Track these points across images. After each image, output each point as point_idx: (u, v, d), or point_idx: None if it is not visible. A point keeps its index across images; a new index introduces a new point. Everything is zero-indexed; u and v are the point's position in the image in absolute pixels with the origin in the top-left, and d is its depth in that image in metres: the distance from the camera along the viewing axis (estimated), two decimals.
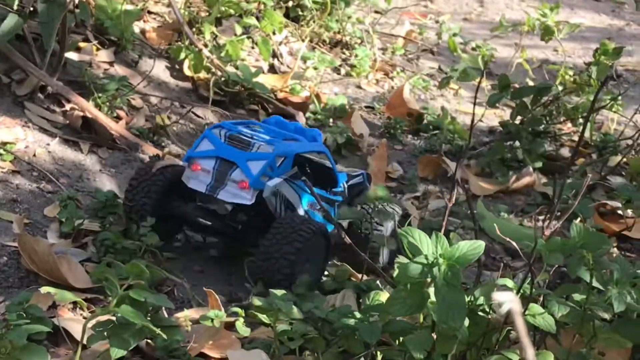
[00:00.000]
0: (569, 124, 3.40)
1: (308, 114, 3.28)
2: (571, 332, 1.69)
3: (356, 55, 3.79)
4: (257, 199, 2.22)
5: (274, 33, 3.59)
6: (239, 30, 3.42)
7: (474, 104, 2.21)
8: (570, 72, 3.55)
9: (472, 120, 2.80)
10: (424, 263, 1.54)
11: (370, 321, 1.69)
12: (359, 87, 3.68)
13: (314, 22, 3.82)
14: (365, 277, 2.16)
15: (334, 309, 1.91)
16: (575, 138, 3.37)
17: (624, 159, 3.01)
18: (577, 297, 1.62)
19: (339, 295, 2.08)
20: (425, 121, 3.31)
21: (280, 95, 3.32)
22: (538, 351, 1.68)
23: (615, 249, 2.54)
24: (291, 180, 2.29)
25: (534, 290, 1.58)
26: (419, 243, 1.56)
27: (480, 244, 1.56)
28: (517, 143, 3.10)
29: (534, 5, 6.11)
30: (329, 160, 2.41)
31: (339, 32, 3.90)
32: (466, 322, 1.59)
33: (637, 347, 1.80)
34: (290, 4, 3.86)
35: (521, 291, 1.61)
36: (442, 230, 1.78)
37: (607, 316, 1.58)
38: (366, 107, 3.50)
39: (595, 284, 1.60)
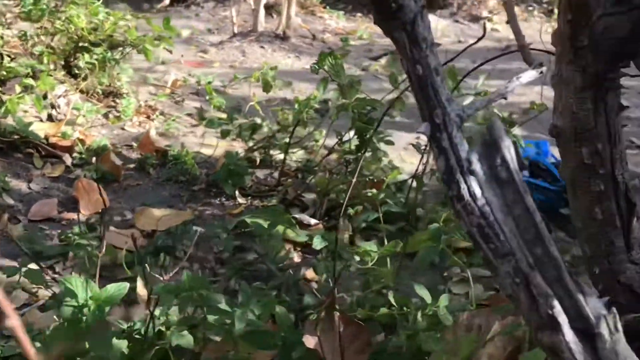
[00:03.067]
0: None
1: (75, 154, 3.08)
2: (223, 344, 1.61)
3: (122, 104, 3.60)
4: None
5: (52, 89, 3.36)
6: (19, 89, 3.17)
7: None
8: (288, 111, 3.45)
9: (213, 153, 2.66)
10: (75, 305, 1.41)
11: None
12: (123, 129, 3.49)
13: (89, 77, 3.61)
14: None
15: None
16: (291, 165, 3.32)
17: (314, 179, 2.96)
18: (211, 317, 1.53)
19: None
20: (169, 156, 3.16)
21: (53, 140, 3.10)
22: None
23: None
24: None
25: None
26: (74, 288, 1.43)
27: (125, 285, 1.45)
28: None
29: (282, 54, 6.12)
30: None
31: (110, 85, 3.70)
32: (124, 343, 1.47)
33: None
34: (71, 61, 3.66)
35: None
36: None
37: (218, 338, 1.50)
38: (127, 145, 3.32)
39: (225, 306, 1.52)
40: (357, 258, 1.86)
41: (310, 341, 1.47)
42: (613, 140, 1.52)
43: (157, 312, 1.51)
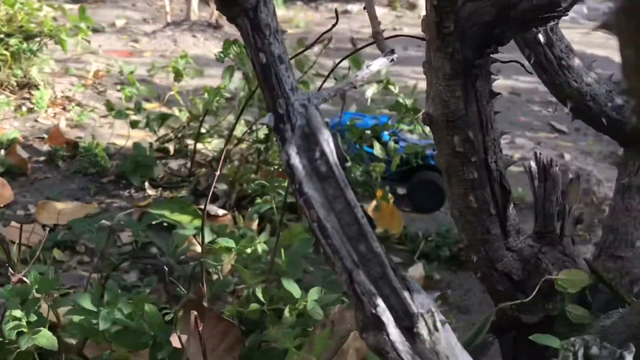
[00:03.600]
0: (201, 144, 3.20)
1: None
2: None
3: (35, 95, 3.46)
4: None
5: None
6: None
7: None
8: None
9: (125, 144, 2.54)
10: None
11: None
12: (36, 121, 3.35)
13: (2, 69, 3.45)
14: None
15: None
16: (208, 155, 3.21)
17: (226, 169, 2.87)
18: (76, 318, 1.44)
19: None
20: (80, 148, 3.03)
21: None
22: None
23: None
24: None
25: None
26: None
27: None
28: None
29: (214, 43, 5.99)
30: None
31: (25, 76, 3.55)
32: None
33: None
34: None
35: None
36: None
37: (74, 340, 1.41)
38: (39, 138, 3.19)
39: (91, 306, 1.43)
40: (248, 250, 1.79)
41: (177, 340, 1.39)
42: (485, 127, 1.47)
43: (18, 313, 1.41)
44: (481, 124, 1.46)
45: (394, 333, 0.89)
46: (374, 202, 2.58)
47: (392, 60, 1.16)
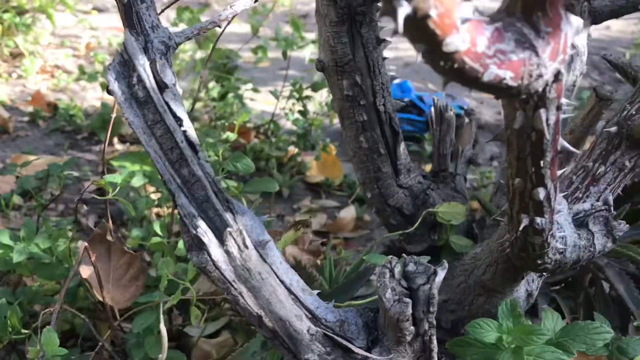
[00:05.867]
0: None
1: None
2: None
3: (24, 64, 3.35)
4: None
5: None
6: None
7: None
8: None
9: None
10: None
11: None
12: (24, 86, 3.24)
13: None
14: None
15: None
16: None
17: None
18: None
19: None
20: (60, 109, 2.92)
21: None
22: None
23: None
24: None
25: None
26: None
27: None
28: None
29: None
30: None
31: (16, 47, 3.44)
32: None
33: None
34: None
35: None
36: None
37: None
38: (25, 101, 3.08)
39: (9, 241, 1.35)
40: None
41: (85, 271, 1.32)
42: (373, 72, 1.36)
43: None
44: (369, 69, 1.36)
45: (217, 253, 0.81)
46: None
47: (256, 0, 1.06)
